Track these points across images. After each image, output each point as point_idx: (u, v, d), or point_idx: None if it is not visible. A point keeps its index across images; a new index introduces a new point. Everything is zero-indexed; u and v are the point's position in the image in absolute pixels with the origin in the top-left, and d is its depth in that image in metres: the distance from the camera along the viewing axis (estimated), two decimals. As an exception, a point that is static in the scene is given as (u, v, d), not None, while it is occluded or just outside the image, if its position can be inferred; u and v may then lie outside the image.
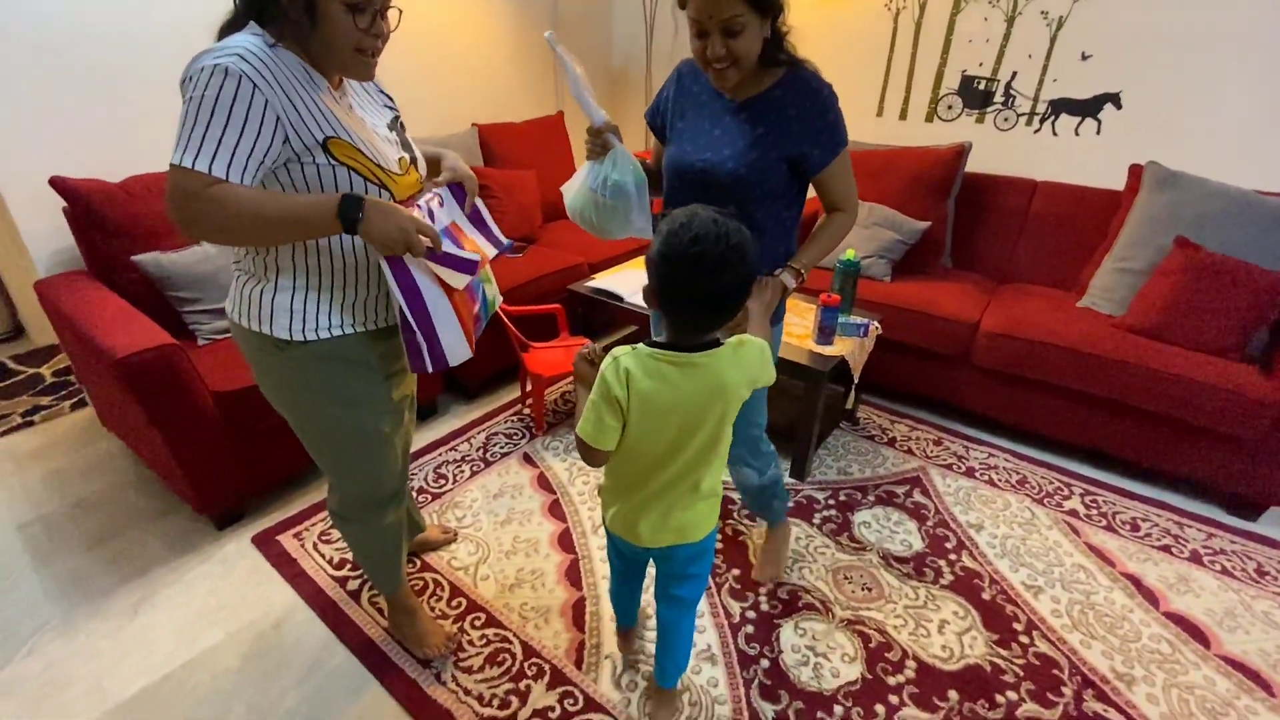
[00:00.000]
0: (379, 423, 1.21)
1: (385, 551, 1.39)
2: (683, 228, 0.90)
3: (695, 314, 0.94)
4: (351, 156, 0.99)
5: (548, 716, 1.33)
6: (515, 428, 2.31)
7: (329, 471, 1.28)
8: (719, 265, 0.89)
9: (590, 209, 1.34)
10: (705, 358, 0.97)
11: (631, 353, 0.97)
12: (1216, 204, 2.06)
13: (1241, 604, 1.64)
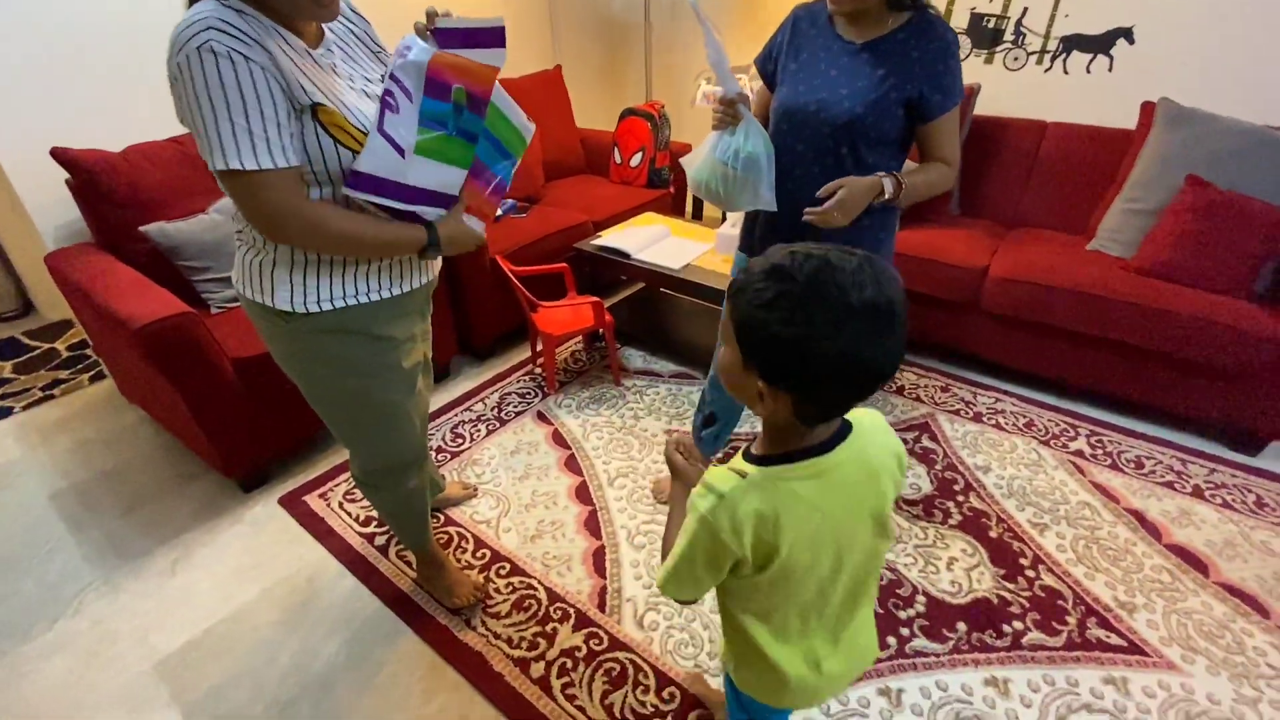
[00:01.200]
0: (390, 393, 1.20)
1: (411, 513, 1.43)
2: (828, 273, 0.59)
3: (861, 392, 0.63)
4: (339, 126, 0.93)
5: (575, 655, 1.40)
6: (527, 387, 2.34)
7: (345, 441, 1.29)
8: (893, 309, 0.60)
9: (718, 181, 1.32)
10: (845, 450, 0.70)
11: (745, 484, 0.67)
12: (1229, 141, 2.03)
13: (1241, 534, 1.70)
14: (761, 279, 0.61)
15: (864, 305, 0.58)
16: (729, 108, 1.25)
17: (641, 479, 1.89)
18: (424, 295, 1.22)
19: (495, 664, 1.38)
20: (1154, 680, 1.34)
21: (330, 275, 1.03)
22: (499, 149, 1.10)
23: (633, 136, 2.94)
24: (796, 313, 0.59)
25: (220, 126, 0.82)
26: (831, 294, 0.58)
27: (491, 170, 1.11)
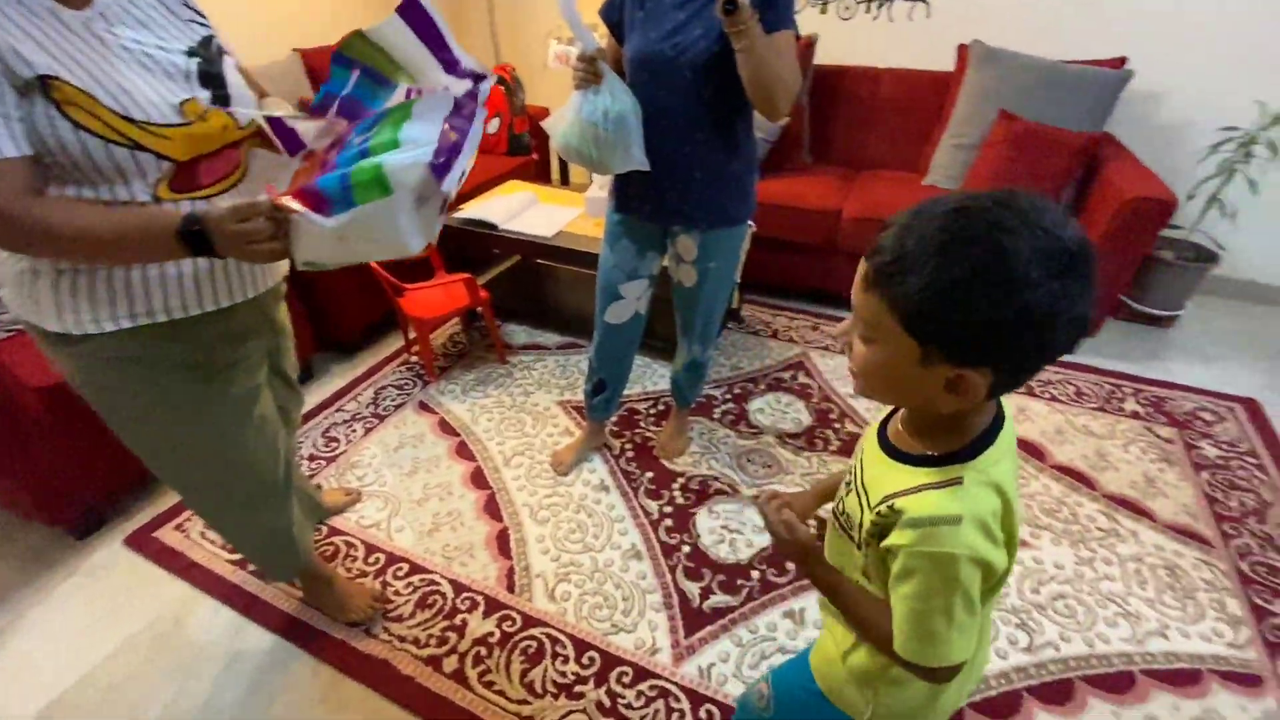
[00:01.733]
0: (213, 431, 1.00)
1: (278, 552, 1.27)
2: (1005, 223, 0.48)
3: (1064, 350, 0.52)
4: (79, 106, 0.73)
5: (488, 642, 1.36)
6: (405, 377, 2.21)
7: (175, 488, 1.11)
8: (1090, 254, 0.49)
9: (589, 144, 1.25)
10: (1009, 421, 0.63)
11: (967, 488, 0.56)
12: (1030, 76, 2.27)
13: (1066, 422, 1.96)
14: (935, 259, 0.49)
15: (1065, 247, 0.48)
16: (590, 65, 1.20)
17: (539, 454, 1.85)
18: (258, 308, 1.03)
19: (403, 668, 1.32)
20: (1008, 558, 1.53)
21: (111, 287, 0.83)
22: (373, 79, 0.89)
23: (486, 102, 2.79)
24: (1007, 284, 0.47)
25: None
26: (1041, 242, 0.47)
27: (365, 107, 0.89)
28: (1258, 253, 2.53)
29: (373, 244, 0.83)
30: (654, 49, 1.23)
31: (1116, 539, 1.57)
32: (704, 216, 1.38)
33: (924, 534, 0.55)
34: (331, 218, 0.77)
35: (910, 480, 0.59)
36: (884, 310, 0.53)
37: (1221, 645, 1.34)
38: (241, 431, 1.04)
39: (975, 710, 1.23)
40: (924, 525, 0.55)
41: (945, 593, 0.55)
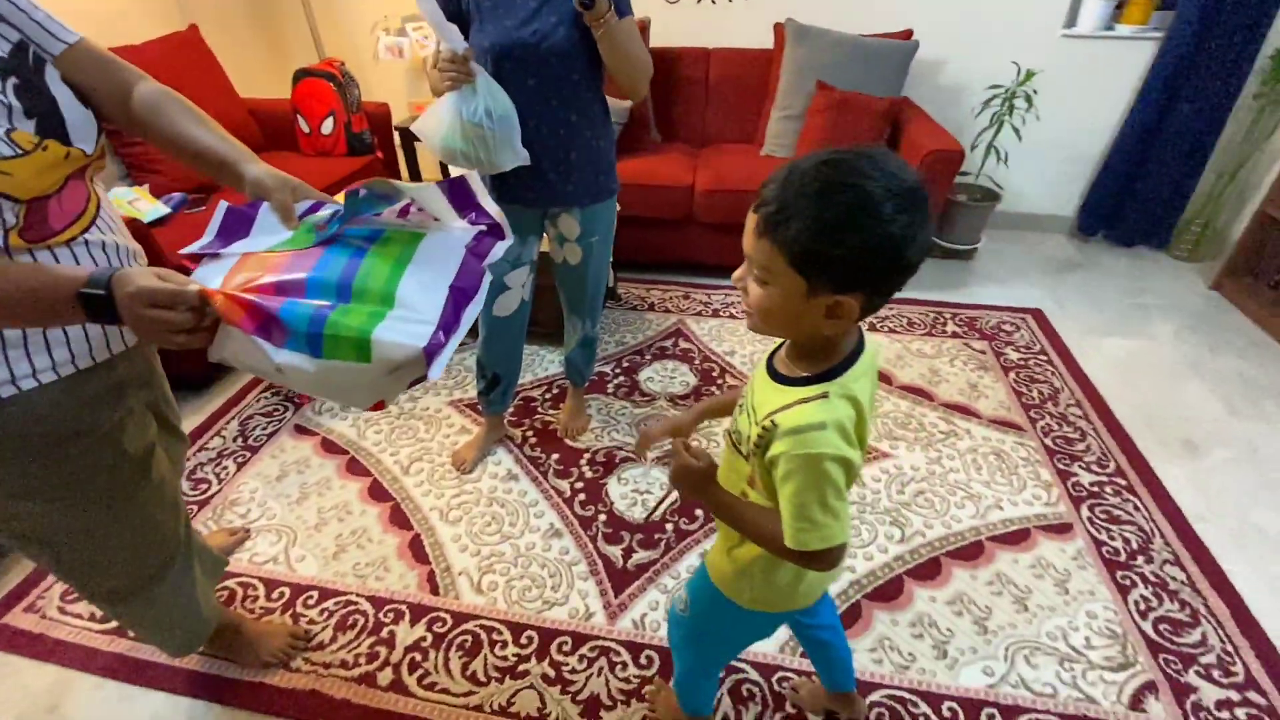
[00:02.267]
0: (111, 498, 0.89)
1: (184, 616, 1.14)
2: (865, 171, 0.58)
3: (913, 271, 0.63)
4: None
5: (421, 647, 1.35)
6: (272, 404, 2.05)
7: (58, 575, 0.96)
8: (925, 193, 0.61)
9: (474, 145, 1.23)
10: (869, 347, 0.73)
11: (832, 401, 0.67)
12: (838, 50, 2.54)
13: (904, 348, 2.27)
14: (813, 203, 0.59)
15: (911, 187, 0.59)
16: (462, 65, 1.19)
17: (438, 457, 1.83)
18: (139, 355, 0.92)
19: (335, 693, 1.27)
20: (878, 468, 1.77)
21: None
22: (378, 198, 0.80)
23: (317, 101, 2.62)
24: (875, 218, 0.58)
25: None
26: (892, 184, 0.58)
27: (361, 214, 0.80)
28: (1027, 188, 3.05)
29: (312, 386, 0.74)
30: (514, 38, 1.25)
31: (955, 438, 1.87)
32: (585, 193, 1.44)
33: (797, 440, 0.66)
34: (282, 350, 0.68)
35: (788, 398, 0.69)
36: (774, 253, 0.62)
37: (1040, 506, 1.66)
38: (142, 496, 0.94)
39: (869, 600, 1.43)
40: (797, 433, 0.66)
41: (819, 487, 0.66)
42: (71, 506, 0.86)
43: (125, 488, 0.91)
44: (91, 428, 0.84)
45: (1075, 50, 2.72)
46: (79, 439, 0.83)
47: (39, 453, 0.80)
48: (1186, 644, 1.34)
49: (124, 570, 0.99)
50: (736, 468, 0.79)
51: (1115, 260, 2.94)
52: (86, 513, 0.88)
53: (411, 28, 2.81)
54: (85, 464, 0.84)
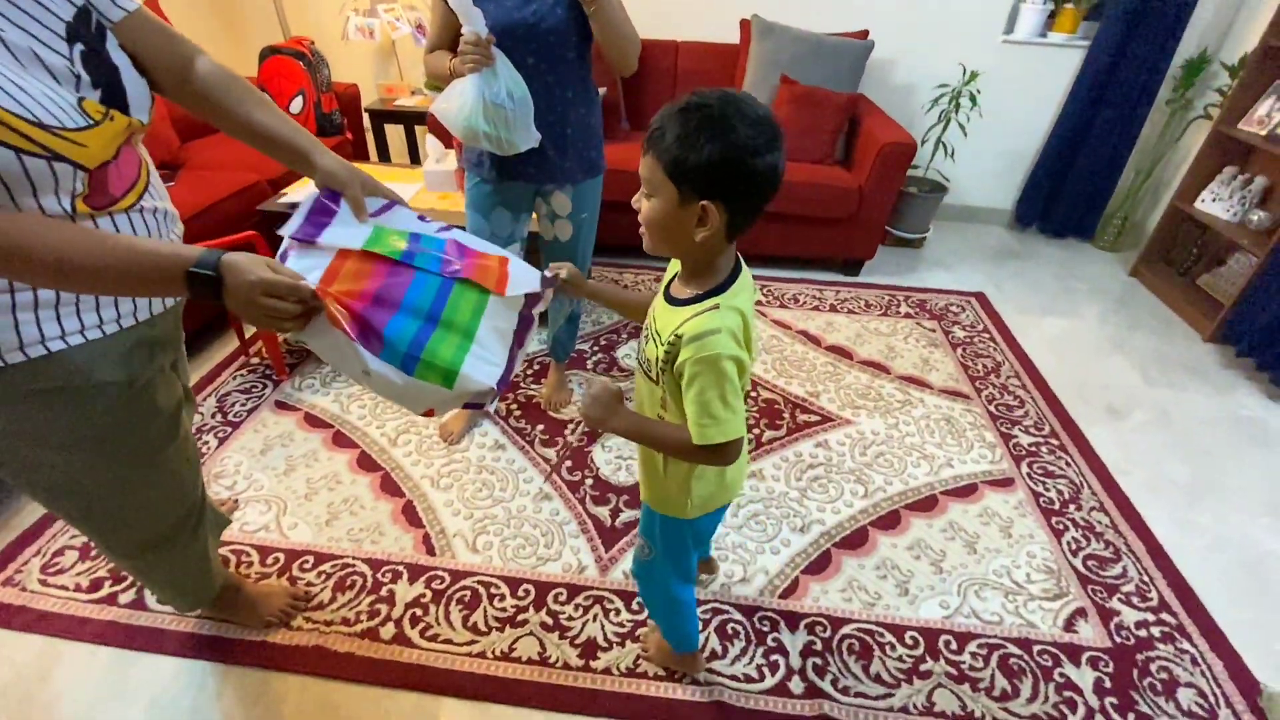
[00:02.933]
0: (145, 451, 0.92)
1: (199, 570, 1.18)
2: (741, 109, 0.71)
3: (770, 195, 0.76)
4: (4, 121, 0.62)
5: (421, 603, 1.40)
6: (248, 380, 2.05)
7: (89, 529, 0.99)
8: (777, 122, 0.73)
9: (496, 126, 1.28)
10: (745, 272, 0.84)
11: (722, 311, 0.78)
12: (801, 46, 2.68)
13: (862, 327, 2.44)
14: (679, 120, 0.71)
15: (765, 116, 0.72)
16: (484, 49, 1.25)
17: (425, 429, 1.87)
18: (175, 315, 0.96)
19: (339, 647, 1.31)
20: (842, 434, 1.91)
21: (16, 309, 0.72)
22: None
23: (285, 79, 2.59)
24: (724, 129, 0.70)
25: None
26: (744, 109, 0.71)
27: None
28: (971, 182, 3.28)
29: (387, 392, 0.84)
30: (514, 18, 1.31)
31: (910, 406, 2.04)
32: (579, 169, 1.51)
33: (697, 346, 0.77)
34: (376, 359, 0.78)
35: (686, 314, 0.80)
36: (655, 165, 0.74)
37: (986, 464, 1.83)
38: (170, 451, 0.97)
39: (838, 548, 1.56)
40: (697, 339, 0.77)
41: (718, 384, 0.77)
42: (107, 458, 0.89)
43: (156, 442, 0.94)
44: (129, 383, 0.86)
45: (1014, 55, 2.95)
46: (118, 393, 0.85)
47: (82, 405, 0.82)
48: (1110, 576, 1.53)
49: (150, 523, 1.02)
50: (650, 394, 0.91)
51: (1048, 249, 3.20)
52: (121, 464, 0.91)
53: (383, 9, 2.80)
54: (122, 417, 0.87)
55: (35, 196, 0.68)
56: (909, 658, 1.34)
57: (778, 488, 1.72)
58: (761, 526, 1.61)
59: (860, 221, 2.64)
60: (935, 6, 2.87)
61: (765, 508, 1.66)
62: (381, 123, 3.07)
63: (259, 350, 2.14)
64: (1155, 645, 1.39)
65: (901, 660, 1.33)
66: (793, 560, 1.53)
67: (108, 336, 0.82)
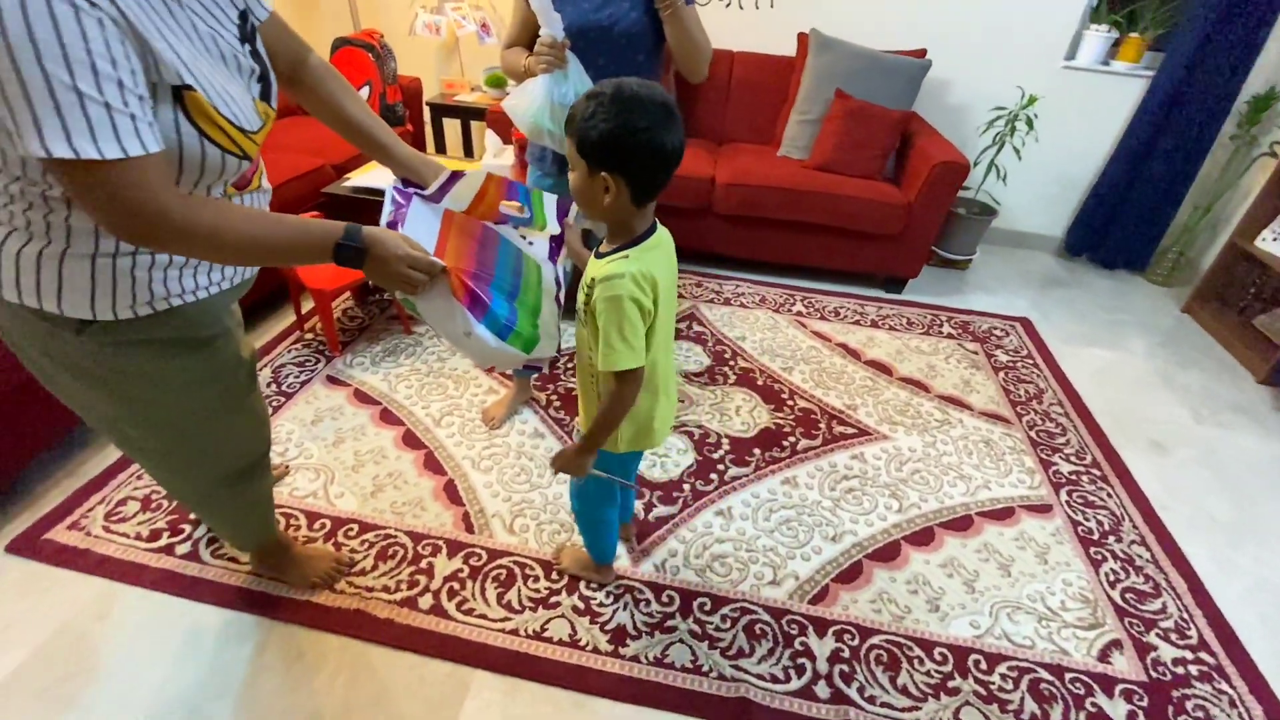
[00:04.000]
0: (228, 394, 1.03)
1: (264, 509, 1.29)
2: (632, 96, 0.83)
3: (668, 170, 0.89)
4: (208, 118, 0.72)
5: (459, 577, 1.45)
6: (303, 355, 2.13)
7: (171, 468, 1.08)
8: (670, 105, 0.86)
9: (560, 125, 1.34)
10: (660, 234, 0.98)
11: (631, 260, 0.91)
12: (857, 62, 2.70)
13: (903, 345, 2.43)
14: (584, 105, 0.85)
15: (652, 101, 0.84)
16: (559, 51, 1.31)
17: (467, 413, 1.92)
18: (246, 283, 1.04)
19: (379, 613, 1.36)
20: (878, 448, 1.91)
21: (151, 270, 0.81)
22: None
23: (354, 69, 2.69)
24: (614, 113, 0.83)
25: (60, 98, 0.58)
26: (637, 94, 0.84)
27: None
28: (1021, 207, 3.24)
29: (477, 352, 1.03)
30: (589, 20, 1.36)
31: (949, 425, 2.03)
32: None
33: (605, 286, 0.91)
34: (479, 325, 0.96)
35: (602, 264, 0.94)
36: (569, 143, 0.88)
37: (1024, 489, 1.81)
38: (248, 396, 1.08)
39: (869, 559, 1.56)
40: (606, 280, 0.91)
41: (618, 320, 0.91)
42: (207, 398, 0.99)
43: (241, 385, 1.05)
44: (224, 333, 0.97)
45: (1074, 80, 2.92)
46: (216, 341, 0.96)
47: (192, 352, 0.93)
48: (1149, 611, 1.50)
49: (231, 459, 1.12)
50: (582, 339, 1.05)
51: (1097, 280, 3.14)
52: (215, 404, 1.02)
53: (451, 7, 2.90)
54: (219, 363, 0.98)
55: (212, 185, 0.80)
56: (937, 673, 1.34)
57: (811, 496, 1.73)
58: (793, 532, 1.62)
59: (907, 239, 2.63)
60: (997, 29, 2.86)
61: (798, 514, 1.67)
62: (440, 116, 3.17)
63: (314, 326, 2.22)
64: (1192, 683, 1.36)
65: (929, 675, 1.33)
66: (823, 568, 1.53)
67: (212, 296, 0.91)
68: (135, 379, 0.90)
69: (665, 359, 1.08)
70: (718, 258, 2.86)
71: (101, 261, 0.78)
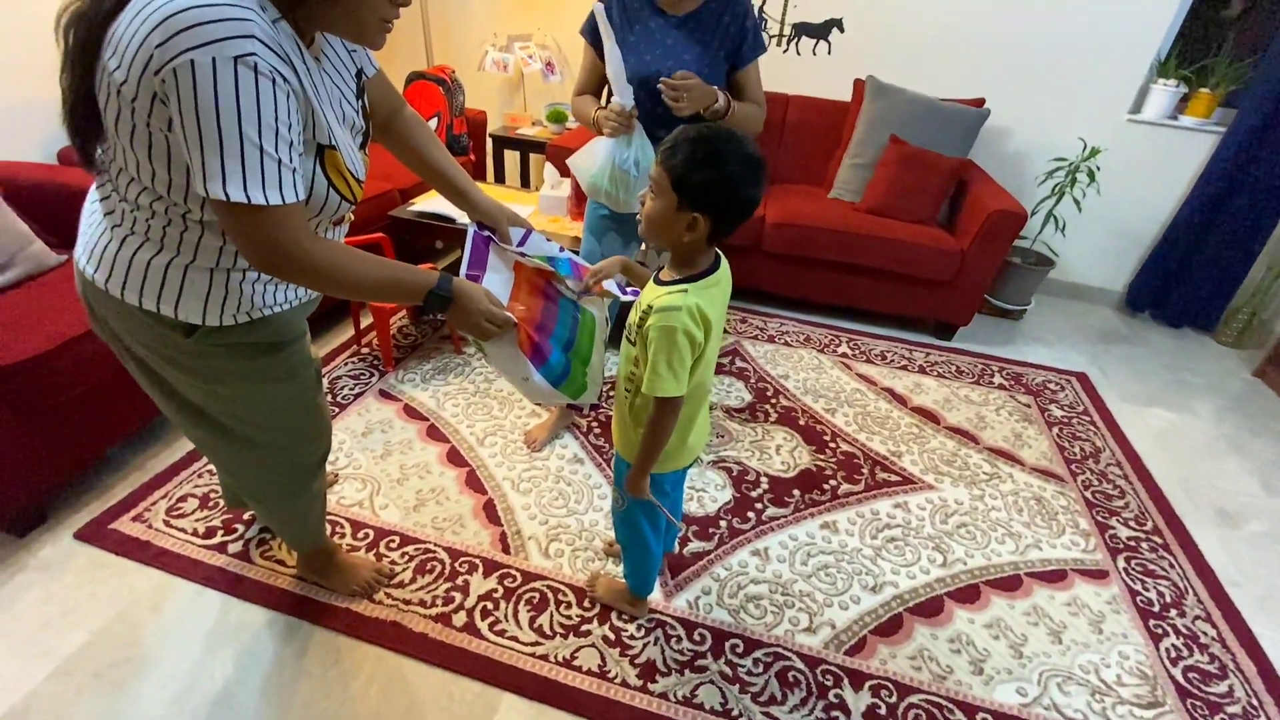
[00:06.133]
0: (302, 393, 1.12)
1: (319, 506, 1.35)
2: (739, 149, 0.89)
3: (746, 216, 0.94)
4: (339, 171, 0.86)
5: (493, 597, 1.46)
6: (358, 368, 2.21)
7: (249, 459, 1.15)
8: (763, 160, 0.92)
9: (617, 186, 1.46)
10: (721, 271, 1.02)
11: (689, 294, 0.95)
12: (914, 109, 2.71)
13: (952, 393, 2.37)
14: (689, 147, 0.90)
15: (755, 158, 0.91)
16: (627, 120, 1.40)
17: (510, 434, 1.96)
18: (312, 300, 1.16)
19: (414, 626, 1.38)
20: (923, 498, 1.86)
21: (256, 284, 0.93)
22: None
23: (426, 101, 2.84)
24: (722, 162, 0.89)
25: (246, 152, 0.70)
26: (739, 148, 0.90)
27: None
28: (1080, 259, 3.16)
29: (531, 392, 1.14)
30: (651, 70, 1.43)
31: (998, 480, 1.96)
32: None
33: (661, 316, 0.95)
34: (537, 373, 1.09)
35: (661, 292, 0.98)
36: (663, 175, 0.92)
37: (1078, 551, 1.73)
38: (316, 396, 1.17)
39: (910, 613, 1.51)
40: (663, 311, 0.95)
41: (668, 351, 0.95)
42: (285, 395, 1.09)
43: (312, 385, 1.14)
44: (299, 337, 1.08)
45: (1139, 134, 2.86)
46: (293, 343, 1.06)
47: (276, 353, 1.02)
48: (1215, 693, 1.40)
49: (302, 453, 1.21)
50: (627, 353, 1.09)
51: (1160, 338, 3.02)
52: (292, 400, 1.11)
53: (519, 46, 3.05)
54: (294, 360, 1.07)
55: (322, 223, 0.92)
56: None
57: (851, 542, 1.69)
58: (831, 579, 1.58)
59: (959, 286, 2.59)
60: (1059, 81, 2.84)
61: (836, 561, 1.63)
62: (502, 148, 3.30)
63: (370, 341, 2.31)
64: (1263, 778, 1.26)
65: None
66: (862, 618, 1.49)
67: (294, 307, 1.00)
68: (228, 375, 0.99)
69: (704, 396, 1.14)
70: (763, 295, 2.87)
71: (218, 275, 0.89)
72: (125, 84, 0.70)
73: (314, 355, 1.16)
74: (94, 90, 0.75)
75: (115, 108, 0.73)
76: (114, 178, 0.82)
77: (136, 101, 0.70)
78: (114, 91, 0.71)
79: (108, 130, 0.76)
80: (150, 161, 0.76)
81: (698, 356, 1.00)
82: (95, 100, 0.75)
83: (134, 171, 0.79)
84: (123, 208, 0.84)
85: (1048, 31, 2.78)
